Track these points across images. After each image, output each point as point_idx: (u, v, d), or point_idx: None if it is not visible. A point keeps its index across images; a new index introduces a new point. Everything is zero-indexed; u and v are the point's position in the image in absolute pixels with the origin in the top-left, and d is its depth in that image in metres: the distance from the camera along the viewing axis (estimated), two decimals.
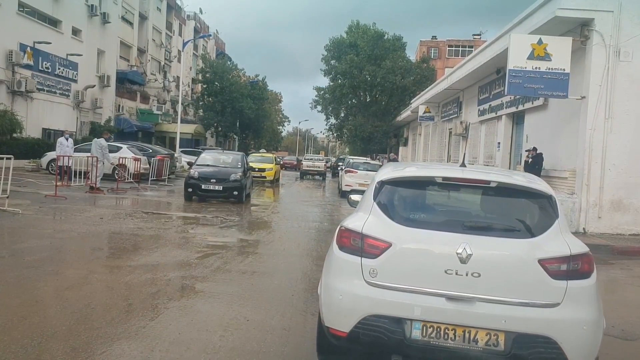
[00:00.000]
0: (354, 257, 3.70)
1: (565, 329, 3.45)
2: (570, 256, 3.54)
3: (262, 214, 14.42)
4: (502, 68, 17.90)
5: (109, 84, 35.90)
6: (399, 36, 47.39)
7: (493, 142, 19.37)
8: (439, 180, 3.98)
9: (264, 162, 27.92)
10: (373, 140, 46.62)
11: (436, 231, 3.69)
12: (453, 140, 25.53)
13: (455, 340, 3.48)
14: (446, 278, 3.53)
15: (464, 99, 23.86)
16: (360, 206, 4.24)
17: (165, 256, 7.77)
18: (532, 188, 3.94)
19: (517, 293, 3.50)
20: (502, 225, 3.83)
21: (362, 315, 3.57)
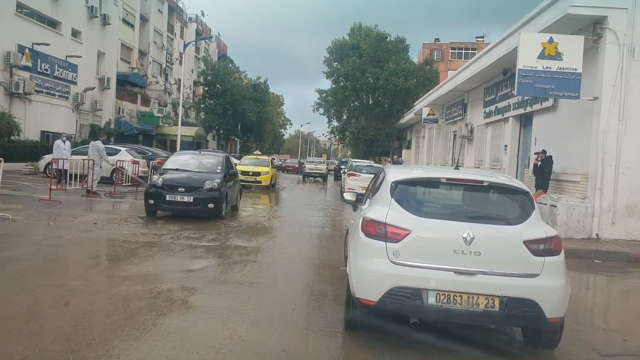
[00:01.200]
0: (380, 242, 4.64)
1: (543, 293, 4.46)
2: (546, 238, 4.61)
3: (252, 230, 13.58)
4: (510, 69, 17.46)
5: (109, 86, 35.55)
6: (402, 38, 46.95)
7: (499, 144, 18.90)
8: (443, 180, 5.05)
9: (259, 165, 25.38)
10: (376, 143, 46.15)
11: (445, 220, 4.73)
12: (458, 143, 25.05)
13: (462, 305, 4.44)
14: (454, 256, 4.50)
15: (469, 101, 23.40)
16: (375, 201, 5.25)
17: (158, 265, 7.32)
18: (513, 186, 5.04)
19: (508, 267, 4.51)
20: (495, 215, 4.90)
21: (388, 287, 4.47)
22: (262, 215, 14.83)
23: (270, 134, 70.05)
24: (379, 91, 45.18)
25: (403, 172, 5.45)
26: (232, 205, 13.95)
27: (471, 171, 6.51)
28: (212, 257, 8.18)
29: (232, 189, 13.70)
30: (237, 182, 14.78)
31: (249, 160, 26.70)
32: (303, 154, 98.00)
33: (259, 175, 24.37)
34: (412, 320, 4.76)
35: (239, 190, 15.16)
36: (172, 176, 12.55)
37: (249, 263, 7.85)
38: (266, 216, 14.54)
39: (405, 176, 5.18)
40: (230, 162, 14.48)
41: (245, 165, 25.24)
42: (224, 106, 49.04)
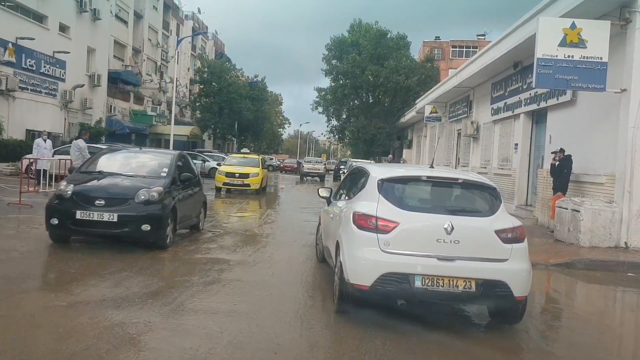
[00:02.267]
0: (371, 234, 5.13)
1: (511, 275, 5.08)
2: (513, 227, 5.24)
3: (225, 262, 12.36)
4: (521, 62, 16.27)
5: (100, 84, 34.28)
6: (403, 35, 45.72)
7: (509, 143, 17.68)
8: (424, 178, 5.61)
9: (247, 166, 21.63)
10: (376, 143, 44.91)
11: (428, 213, 5.30)
12: (463, 142, 23.84)
13: (444, 287, 4.99)
14: (437, 245, 5.04)
15: (474, 98, 22.17)
16: (362, 197, 5.69)
17: (117, 287, 6.05)
18: (484, 183, 5.73)
19: (482, 253, 5.10)
20: (470, 208, 5.51)
21: (380, 273, 4.99)
22: (249, 222, 13.54)
23: (268, 134, 68.80)
24: (379, 89, 43.93)
25: (387, 170, 5.96)
26: (191, 225, 10.10)
27: (445, 169, 7.81)
28: (182, 277, 6.93)
29: (187, 201, 9.51)
30: (197, 192, 10.43)
31: (235, 160, 23.17)
32: (302, 154, 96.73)
33: (246, 178, 20.87)
34: (400, 302, 5.35)
35: (202, 203, 10.82)
36: (88, 183, 8.47)
37: (230, 283, 6.60)
38: (255, 223, 13.22)
39: (391, 174, 5.72)
40: (187, 164, 10.34)
41: (230, 165, 22.08)
42: (219, 105, 47.80)
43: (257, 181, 21.22)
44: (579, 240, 10.55)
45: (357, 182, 6.45)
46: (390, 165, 10.91)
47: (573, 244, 10.69)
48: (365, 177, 5.98)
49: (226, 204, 17.49)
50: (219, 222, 12.21)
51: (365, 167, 6.55)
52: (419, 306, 5.52)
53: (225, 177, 20.87)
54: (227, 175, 20.91)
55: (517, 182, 16.41)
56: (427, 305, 5.63)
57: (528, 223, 14.44)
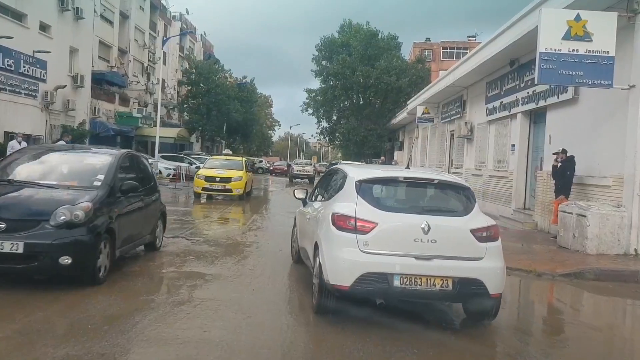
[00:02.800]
0: (350, 234, 5.25)
1: (487, 273, 5.25)
2: (488, 227, 5.41)
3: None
4: (517, 59, 15.63)
5: (83, 85, 33.21)
6: (394, 35, 45.15)
7: (505, 144, 17.01)
8: (401, 178, 5.86)
9: (230, 169, 19.96)
10: (367, 144, 44.22)
11: (406, 213, 5.48)
12: (456, 143, 23.17)
13: (421, 286, 5.14)
14: (415, 244, 5.20)
15: (468, 98, 21.51)
16: (340, 198, 5.77)
17: (55, 318, 5.08)
18: (458, 183, 5.93)
19: (458, 252, 5.27)
20: (446, 207, 5.71)
21: (359, 274, 5.12)
22: (232, 229, 12.78)
23: (258, 136, 67.91)
24: (369, 90, 43.27)
25: (364, 172, 6.05)
26: (143, 243, 8.12)
27: (420, 170, 7.99)
28: (137, 298, 6.11)
29: (135, 216, 7.41)
30: (152, 203, 8.27)
31: (217, 162, 21.26)
32: (293, 156, 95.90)
33: (228, 182, 19.07)
34: (379, 302, 5.48)
35: (159, 216, 8.65)
36: None
37: (202, 303, 5.78)
38: (238, 230, 12.42)
39: (368, 175, 5.79)
40: (137, 166, 8.17)
41: (211, 168, 20.13)
42: (207, 106, 46.84)
43: (240, 185, 19.43)
44: (585, 247, 9.86)
45: (334, 183, 6.54)
46: (367, 166, 10.68)
47: (579, 252, 9.99)
48: (342, 178, 6.06)
49: (206, 211, 16.31)
50: (198, 230, 11.36)
51: (342, 168, 6.58)
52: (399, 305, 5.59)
53: (205, 182, 19.10)
54: (207, 179, 19.14)
55: (514, 184, 15.73)
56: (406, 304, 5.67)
57: (527, 228, 13.76)
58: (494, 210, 17.15)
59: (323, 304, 5.44)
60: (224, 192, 19.38)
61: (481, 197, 18.73)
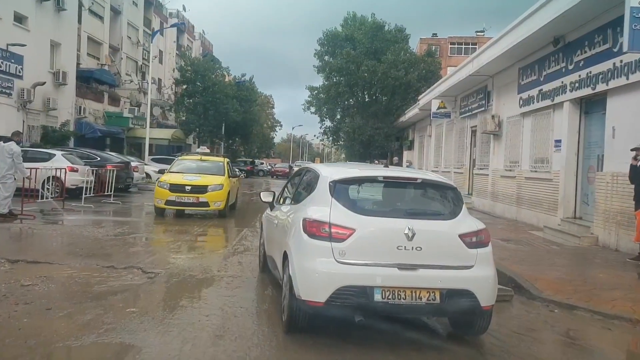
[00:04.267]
0: (324, 242, 4.64)
1: (477, 283, 4.72)
2: (478, 231, 4.89)
3: None
4: (563, 37, 12.89)
5: (66, 82, 30.54)
6: (401, 27, 42.28)
7: (546, 139, 14.25)
8: (380, 178, 5.22)
9: (206, 174, 14.68)
10: (373, 144, 41.38)
11: (387, 217, 4.89)
12: (479, 141, 20.39)
13: (406, 299, 4.57)
14: (397, 252, 4.64)
15: (494, 88, 18.75)
16: (313, 201, 5.17)
17: None
18: (444, 182, 5.36)
19: (446, 260, 4.73)
20: (432, 210, 5.17)
21: (335, 287, 4.51)
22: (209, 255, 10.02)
23: (259, 137, 65.18)
24: (376, 86, 40.41)
25: (339, 171, 5.41)
26: None
27: (401, 169, 7.64)
28: None
29: None
30: None
31: (190, 164, 15.78)
32: (295, 158, 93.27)
33: (203, 192, 13.87)
34: (358, 318, 4.86)
35: None
36: None
37: None
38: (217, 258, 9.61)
39: (344, 175, 5.20)
40: None
41: (179, 173, 14.73)
42: (204, 105, 44.19)
43: (219, 197, 14.08)
44: None
45: (304, 184, 5.97)
46: (342, 165, 9.59)
47: None
48: (314, 178, 5.53)
49: (173, 233, 11.86)
50: (158, 262, 8.34)
51: (313, 167, 6.07)
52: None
53: (170, 192, 13.68)
54: (173, 189, 13.73)
55: (562, 188, 12.96)
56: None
57: (585, 244, 10.98)
58: (534, 219, 14.38)
59: (294, 322, 4.88)
60: (197, 207, 14.18)
61: (514, 203, 15.96)
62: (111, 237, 10.25)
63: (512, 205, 16.18)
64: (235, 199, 16.79)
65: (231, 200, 15.50)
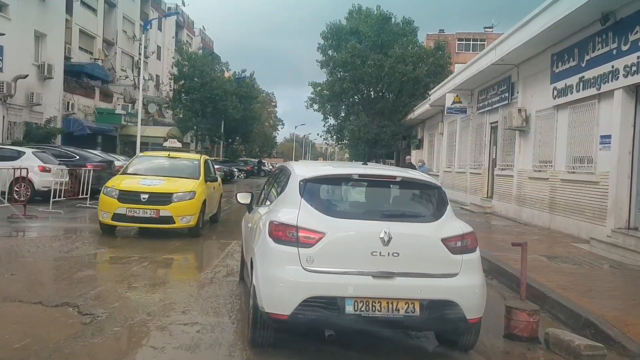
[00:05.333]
0: (291, 248, 4.20)
1: (462, 293, 4.29)
2: (463, 234, 4.45)
3: None
4: (613, 12, 10.81)
5: (52, 76, 28.57)
6: (409, 19, 40.13)
7: (589, 135, 12.16)
8: (355, 176, 4.76)
9: (171, 176, 11.35)
10: (379, 143, 39.24)
11: (361, 220, 4.45)
12: (501, 138, 18.28)
13: (381, 311, 4.14)
14: (372, 259, 4.20)
15: (519, 78, 16.64)
16: (282, 202, 4.72)
17: None
18: (426, 181, 4.88)
19: (427, 267, 4.30)
20: (411, 212, 4.77)
21: (302, 299, 4.07)
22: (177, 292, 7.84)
23: (260, 135, 63.07)
24: (382, 82, 38.22)
25: (311, 169, 5.01)
26: None
27: (379, 166, 6.60)
28: None
29: None
30: None
31: (155, 162, 12.35)
32: (298, 157, 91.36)
33: (165, 203, 10.32)
34: (328, 333, 4.32)
35: None
36: None
37: None
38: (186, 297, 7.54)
39: (315, 173, 4.75)
40: None
41: (134, 175, 11.41)
42: (202, 102, 42.13)
43: (189, 209, 10.45)
44: None
45: (278, 184, 5.50)
46: (317, 163, 8.69)
47: None
48: (287, 177, 5.03)
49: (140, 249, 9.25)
50: (104, 297, 6.14)
51: (288, 165, 5.58)
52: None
53: (120, 203, 10.13)
54: (124, 197, 10.19)
55: (612, 193, 10.86)
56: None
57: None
58: (573, 228, 12.30)
59: (259, 337, 4.40)
60: (156, 225, 10.38)
61: (546, 208, 13.89)
62: (60, 256, 8.20)
63: (544, 211, 14.08)
64: (218, 209, 13.58)
65: (210, 211, 12.32)
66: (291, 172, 4.92)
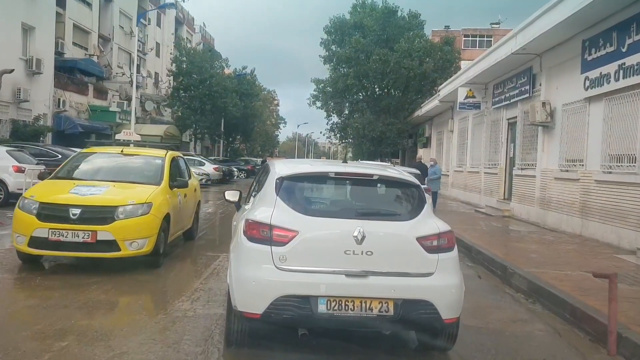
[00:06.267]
0: (264, 246, 4.13)
1: (438, 293, 4.21)
2: (439, 233, 4.36)
3: None
4: None
5: (42, 71, 27.13)
6: (416, 13, 38.57)
7: (630, 130, 10.65)
8: (331, 174, 4.64)
9: (121, 181, 7.98)
10: (385, 141, 37.69)
11: (335, 218, 4.39)
12: (521, 134, 16.75)
13: (354, 311, 4.07)
14: (345, 258, 4.13)
15: (542, 69, 15.12)
16: (260, 200, 4.69)
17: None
18: (404, 179, 4.76)
19: (401, 266, 4.22)
20: (386, 210, 4.66)
21: (274, 297, 4.02)
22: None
23: (261, 134, 61.59)
24: (388, 77, 36.67)
25: (289, 166, 4.91)
26: None
27: (360, 164, 6.63)
28: None
29: None
30: None
31: (102, 161, 8.93)
32: (300, 157, 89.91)
33: (106, 221, 6.99)
34: (301, 332, 4.36)
35: None
36: None
37: None
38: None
39: (291, 171, 4.67)
40: None
41: (66, 180, 7.99)
42: (201, 99, 40.67)
43: (140, 230, 7.18)
44: None
45: (260, 181, 5.33)
46: (298, 161, 8.27)
47: None
48: (267, 175, 4.95)
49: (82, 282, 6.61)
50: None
51: (270, 163, 5.38)
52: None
53: (40, 221, 6.90)
54: (46, 213, 6.97)
55: None
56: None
57: None
58: (611, 236, 10.80)
59: (233, 336, 4.36)
60: (91, 253, 7.10)
61: (577, 213, 12.39)
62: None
63: (574, 215, 12.57)
64: (193, 222, 10.17)
65: (182, 227, 9.22)
66: (270, 170, 4.87)
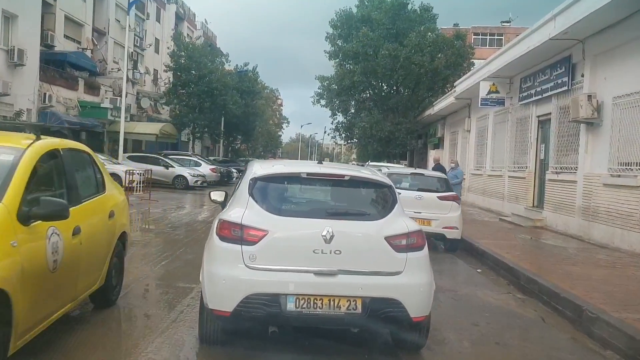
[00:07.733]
0: (235, 246, 4.24)
1: (406, 291, 4.29)
2: (408, 233, 4.42)
3: None
4: None
5: (24, 63, 25.11)
6: (428, 6, 36.35)
7: None
8: (303, 175, 4.72)
9: None
10: (393, 142, 35.48)
11: (304, 218, 4.49)
12: (557, 133, 14.60)
13: (322, 308, 4.16)
14: (314, 257, 4.21)
15: (585, 57, 12.97)
16: (234, 200, 4.78)
17: None
18: (376, 180, 4.89)
19: (370, 265, 4.30)
20: (356, 210, 4.74)
21: (243, 295, 4.11)
22: None
23: (263, 134, 59.47)
24: (397, 74, 34.49)
25: (264, 167, 4.96)
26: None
27: (335, 165, 6.95)
28: None
29: None
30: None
31: None
32: (304, 158, 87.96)
33: None
34: (271, 330, 4.51)
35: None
36: None
37: None
38: None
39: (264, 172, 4.76)
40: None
41: None
42: (199, 96, 38.61)
43: None
44: None
45: (238, 182, 5.33)
46: (275, 161, 7.06)
47: None
48: (244, 175, 5.02)
49: None
50: None
51: (250, 163, 5.39)
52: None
53: None
54: None
55: None
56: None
57: None
58: None
59: (207, 334, 4.51)
60: None
61: (637, 227, 10.22)
62: None
63: (632, 229, 10.43)
64: (108, 276, 5.42)
65: (69, 296, 4.54)
66: (247, 171, 4.93)
